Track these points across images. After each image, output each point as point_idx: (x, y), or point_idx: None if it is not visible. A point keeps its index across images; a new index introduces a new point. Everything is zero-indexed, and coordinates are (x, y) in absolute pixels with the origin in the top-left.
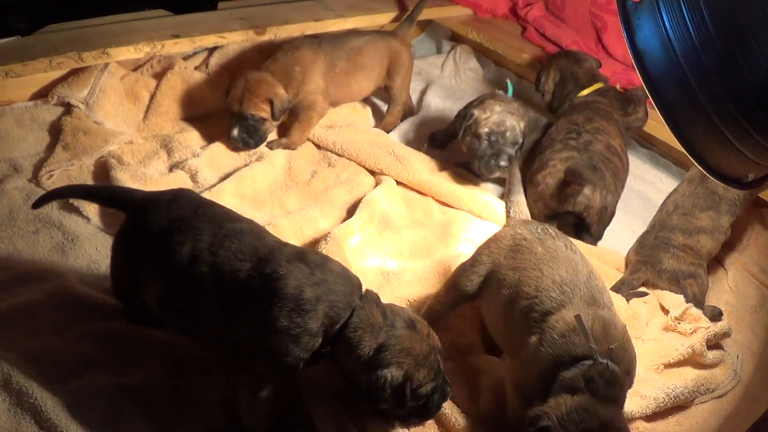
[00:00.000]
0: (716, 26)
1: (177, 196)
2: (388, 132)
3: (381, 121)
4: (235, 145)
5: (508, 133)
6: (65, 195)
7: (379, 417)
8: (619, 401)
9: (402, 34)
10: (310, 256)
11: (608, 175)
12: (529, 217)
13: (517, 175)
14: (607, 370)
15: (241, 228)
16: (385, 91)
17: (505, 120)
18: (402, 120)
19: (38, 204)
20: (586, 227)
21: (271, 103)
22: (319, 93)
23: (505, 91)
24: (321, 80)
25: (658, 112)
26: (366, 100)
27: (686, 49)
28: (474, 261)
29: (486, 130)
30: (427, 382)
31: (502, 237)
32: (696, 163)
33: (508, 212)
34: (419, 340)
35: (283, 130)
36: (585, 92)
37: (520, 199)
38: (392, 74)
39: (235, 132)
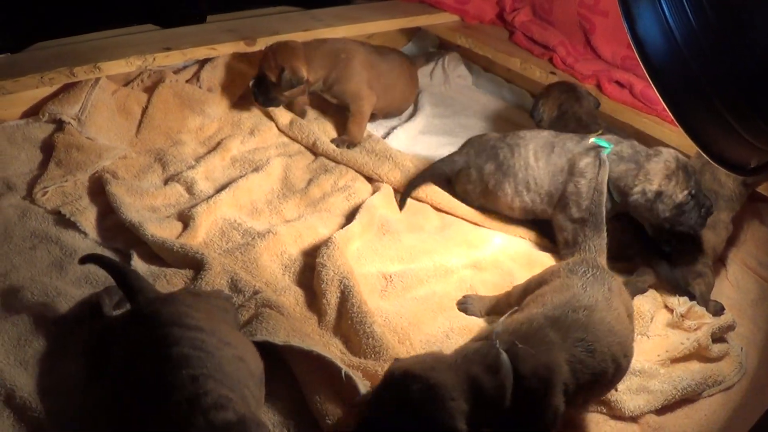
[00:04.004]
0: (715, 9)
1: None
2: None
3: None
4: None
5: (692, 178)
6: (97, 262)
7: None
8: (477, 387)
9: (418, 65)
10: None
11: None
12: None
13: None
14: (492, 351)
15: None
16: None
17: (683, 165)
18: None
19: (83, 261)
20: None
21: (281, 70)
22: (363, 83)
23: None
24: (364, 72)
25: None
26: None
27: (686, 34)
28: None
29: (685, 192)
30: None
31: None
32: (700, 151)
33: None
34: None
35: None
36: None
37: (597, 241)
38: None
39: (252, 82)
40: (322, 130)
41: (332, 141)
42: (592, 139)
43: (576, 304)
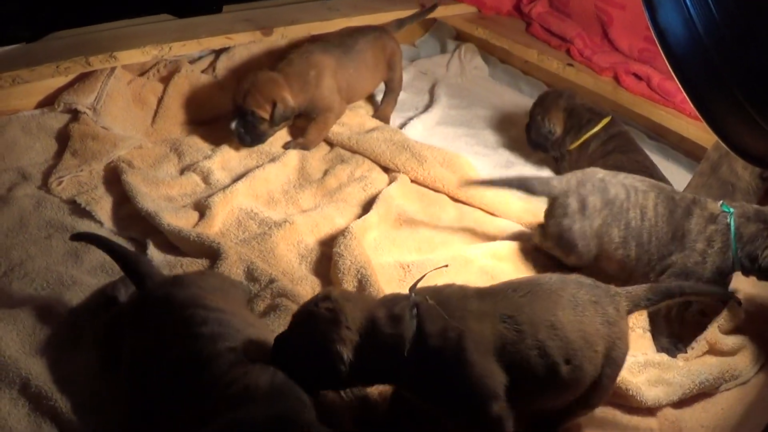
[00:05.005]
0: None
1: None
2: (387, 122)
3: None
4: (233, 138)
5: None
6: (91, 240)
7: None
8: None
9: (391, 30)
10: None
11: None
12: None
13: None
14: (402, 301)
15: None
16: (384, 84)
17: None
18: None
19: (74, 238)
20: None
21: (273, 105)
22: (335, 94)
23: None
24: (334, 82)
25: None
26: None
27: (707, 23)
28: None
29: None
30: None
31: None
32: (721, 141)
33: None
34: None
35: (298, 132)
36: (603, 122)
37: None
38: (392, 67)
39: (234, 124)
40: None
41: (285, 144)
42: (719, 204)
43: (520, 286)
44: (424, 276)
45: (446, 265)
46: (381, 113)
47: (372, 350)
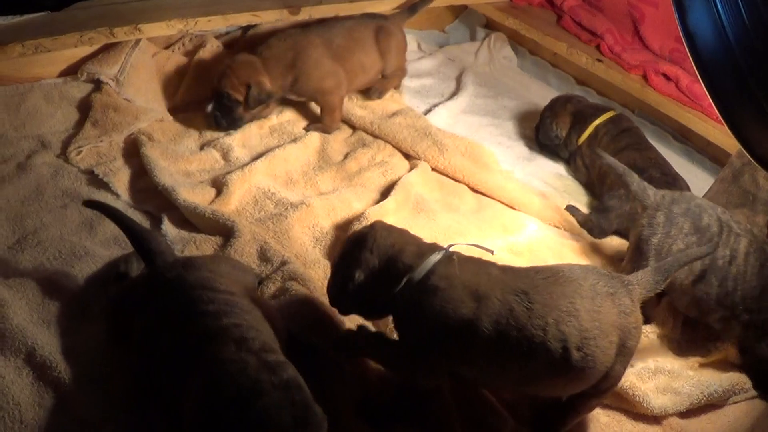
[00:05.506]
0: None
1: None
2: (384, 93)
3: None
4: (209, 122)
5: None
6: (105, 211)
7: None
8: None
9: (397, 19)
10: None
11: None
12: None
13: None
14: (435, 248)
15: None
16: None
17: None
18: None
19: (87, 205)
20: None
21: (248, 88)
22: (328, 75)
23: None
24: (325, 61)
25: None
26: None
27: (738, 30)
28: None
29: None
30: None
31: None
32: (744, 150)
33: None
34: None
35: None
36: (608, 114)
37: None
38: (384, 55)
39: (210, 107)
40: (357, 105)
41: (306, 127)
42: None
43: (543, 270)
44: (464, 244)
45: (491, 251)
46: (382, 84)
47: (387, 275)
